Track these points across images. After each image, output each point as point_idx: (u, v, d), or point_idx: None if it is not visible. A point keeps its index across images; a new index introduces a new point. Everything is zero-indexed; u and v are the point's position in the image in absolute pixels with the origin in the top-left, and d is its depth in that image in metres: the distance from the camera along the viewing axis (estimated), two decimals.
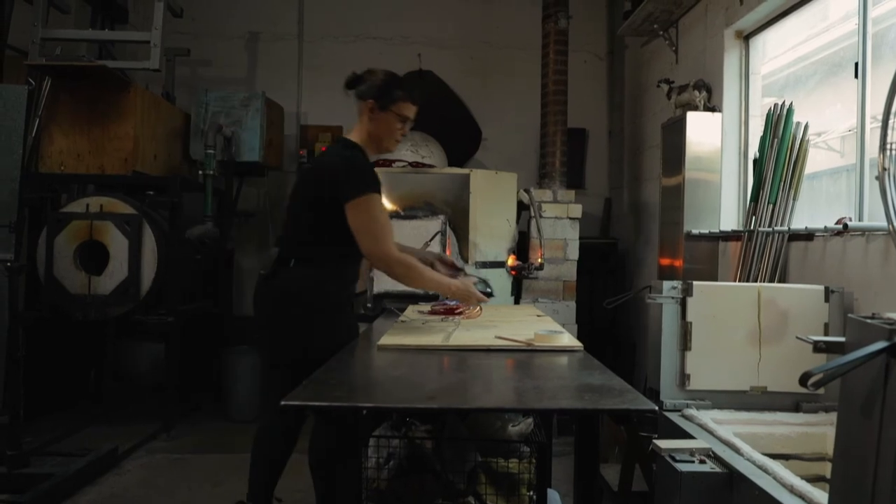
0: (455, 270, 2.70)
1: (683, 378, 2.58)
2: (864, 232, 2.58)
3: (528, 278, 4.44)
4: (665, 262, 4.08)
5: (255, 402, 4.68)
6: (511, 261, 4.40)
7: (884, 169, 2.03)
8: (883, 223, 2.25)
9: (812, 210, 3.21)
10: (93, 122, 4.40)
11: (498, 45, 5.85)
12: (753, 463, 1.93)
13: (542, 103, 4.85)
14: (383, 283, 3.85)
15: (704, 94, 3.90)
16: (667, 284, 2.64)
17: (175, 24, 5.20)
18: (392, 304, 3.47)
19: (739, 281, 3.28)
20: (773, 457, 2.03)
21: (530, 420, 2.34)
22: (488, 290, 2.52)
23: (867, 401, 1.23)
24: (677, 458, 1.98)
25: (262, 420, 2.70)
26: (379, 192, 2.37)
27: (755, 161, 3.35)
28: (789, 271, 3.09)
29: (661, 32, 4.62)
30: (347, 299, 2.57)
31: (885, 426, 1.17)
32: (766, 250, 3.17)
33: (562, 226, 4.52)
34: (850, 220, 2.66)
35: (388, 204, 4.00)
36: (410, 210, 4.16)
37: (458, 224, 4.21)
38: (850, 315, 1.36)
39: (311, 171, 2.57)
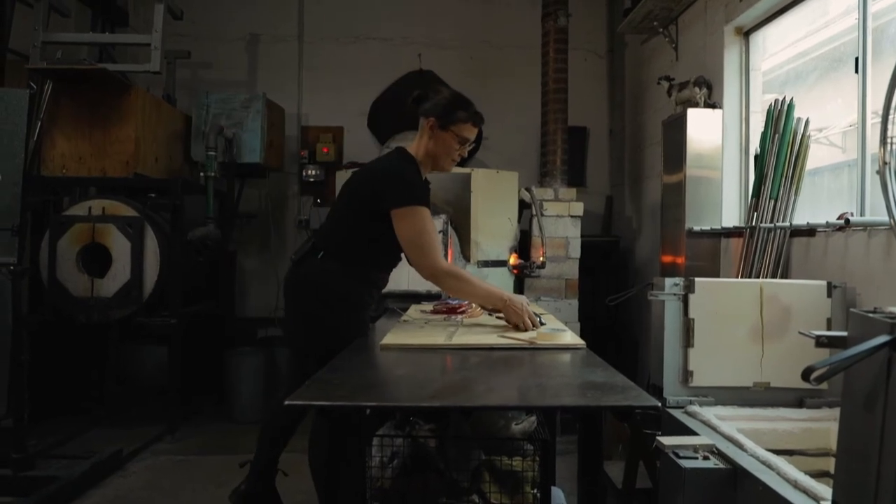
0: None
1: (686, 375, 2.58)
2: (865, 227, 2.58)
3: (530, 277, 4.44)
4: (667, 259, 4.08)
5: (259, 404, 4.68)
6: (513, 259, 4.40)
7: (884, 163, 2.03)
8: (885, 218, 2.25)
9: (814, 206, 3.21)
10: (94, 125, 4.41)
11: (498, 44, 5.85)
12: (757, 459, 1.92)
13: (543, 102, 4.86)
14: None
15: (705, 90, 3.90)
16: (668, 281, 2.64)
17: (175, 26, 5.21)
18: (394, 304, 3.47)
19: (741, 277, 3.27)
20: (777, 453, 2.02)
21: (534, 418, 2.34)
22: (535, 318, 2.46)
23: (870, 395, 1.23)
24: (681, 454, 1.97)
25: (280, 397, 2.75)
26: (427, 206, 2.37)
27: (756, 157, 3.35)
28: (791, 267, 3.08)
29: (661, 30, 4.62)
30: (366, 302, 2.54)
31: (888, 420, 1.17)
32: (768, 246, 3.17)
33: (563, 224, 4.52)
34: (852, 215, 2.66)
35: None
36: None
37: (460, 223, 4.22)
38: (852, 310, 1.36)
39: (362, 172, 2.59)
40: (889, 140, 2.02)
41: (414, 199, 2.35)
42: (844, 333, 1.34)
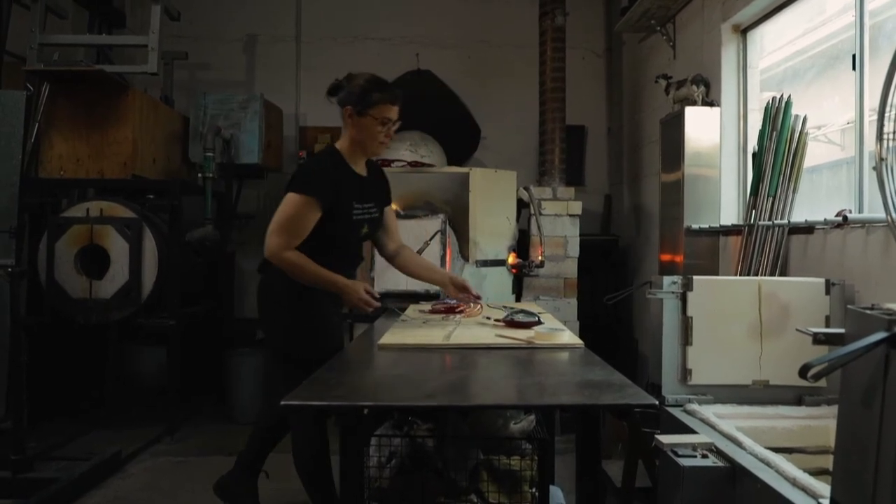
0: (466, 293, 2.66)
1: (685, 373, 2.58)
2: (863, 224, 2.57)
3: (528, 276, 4.44)
4: (666, 257, 4.07)
5: (258, 404, 4.67)
6: (511, 259, 4.40)
7: (881, 159, 2.03)
8: (882, 214, 2.24)
9: (812, 203, 3.20)
10: (92, 126, 4.40)
11: (496, 44, 5.85)
12: (756, 457, 1.92)
13: (541, 101, 4.85)
14: (384, 282, 3.86)
15: (702, 88, 3.89)
16: (667, 279, 2.64)
17: (172, 27, 5.20)
18: (393, 304, 3.47)
19: (740, 275, 3.27)
20: (776, 450, 2.02)
21: (532, 417, 2.34)
22: (534, 318, 2.41)
23: (867, 391, 1.23)
24: (679, 452, 1.97)
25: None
26: (314, 196, 2.37)
27: (754, 155, 3.35)
28: (790, 264, 3.08)
29: (659, 28, 4.62)
30: (320, 300, 2.50)
31: (886, 416, 1.17)
32: (767, 244, 3.16)
33: (562, 223, 4.51)
34: (850, 212, 2.66)
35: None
36: (410, 209, 4.16)
37: (458, 223, 4.21)
38: (849, 306, 1.36)
39: None
40: (885, 136, 2.02)
41: (300, 186, 2.38)
42: (842, 330, 1.33)
